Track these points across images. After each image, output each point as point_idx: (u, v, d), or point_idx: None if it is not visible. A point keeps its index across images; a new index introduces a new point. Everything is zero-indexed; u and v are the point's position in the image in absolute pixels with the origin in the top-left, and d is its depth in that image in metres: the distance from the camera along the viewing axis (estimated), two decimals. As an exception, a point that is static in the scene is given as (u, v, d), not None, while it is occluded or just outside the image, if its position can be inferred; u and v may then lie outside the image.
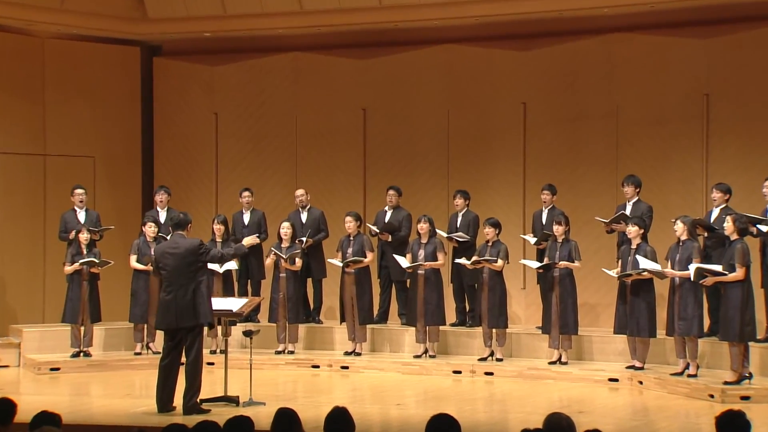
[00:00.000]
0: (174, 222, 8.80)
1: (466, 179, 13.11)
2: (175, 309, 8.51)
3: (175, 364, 8.68)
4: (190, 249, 8.55)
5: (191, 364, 8.63)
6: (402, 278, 12.18)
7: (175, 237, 8.72)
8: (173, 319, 8.55)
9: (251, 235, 12.31)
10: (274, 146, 14.27)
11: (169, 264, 8.57)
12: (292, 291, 11.85)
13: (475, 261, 11.24)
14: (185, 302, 8.50)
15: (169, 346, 8.67)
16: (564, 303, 10.81)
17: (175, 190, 13.92)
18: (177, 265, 8.54)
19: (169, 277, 8.58)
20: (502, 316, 11.23)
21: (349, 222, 11.77)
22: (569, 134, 12.89)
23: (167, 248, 8.69)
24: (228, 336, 9.50)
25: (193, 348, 8.62)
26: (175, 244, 8.62)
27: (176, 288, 8.52)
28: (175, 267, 8.55)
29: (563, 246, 10.93)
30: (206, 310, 8.60)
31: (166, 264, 8.60)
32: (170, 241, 8.85)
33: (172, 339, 8.66)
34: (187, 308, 8.51)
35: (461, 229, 12.07)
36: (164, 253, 8.67)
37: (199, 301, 8.53)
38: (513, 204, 13.08)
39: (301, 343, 12.31)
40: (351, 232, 11.76)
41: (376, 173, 13.80)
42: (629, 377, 10.48)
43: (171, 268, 8.56)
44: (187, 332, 8.59)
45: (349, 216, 11.81)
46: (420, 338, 11.62)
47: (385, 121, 13.80)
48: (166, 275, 8.60)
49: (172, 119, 14.62)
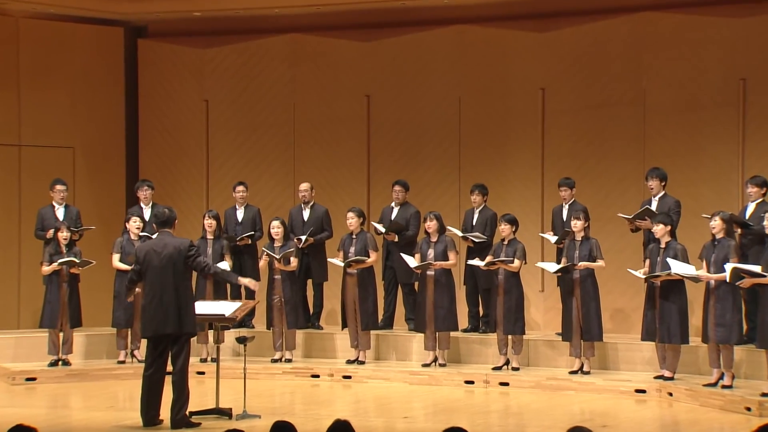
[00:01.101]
0: (159, 219, 8.80)
1: (478, 173, 13.10)
2: (159, 314, 8.51)
3: (160, 373, 8.67)
4: (179, 249, 8.55)
5: (179, 373, 8.61)
6: (409, 280, 12.20)
7: (162, 236, 8.72)
8: (159, 325, 8.54)
9: (245, 232, 12.36)
10: (270, 137, 14.26)
11: (154, 264, 8.56)
12: (288, 294, 11.86)
13: (490, 262, 11.20)
14: (170, 307, 8.51)
15: (153, 354, 8.66)
16: (586, 307, 10.80)
17: (162, 184, 14.04)
18: (163, 265, 8.54)
19: (153, 278, 8.57)
20: (519, 322, 11.22)
21: (351, 218, 11.75)
22: (592, 123, 12.89)
23: (153, 246, 8.67)
24: (220, 343, 9.49)
25: (181, 356, 8.62)
26: (162, 243, 8.62)
27: (160, 291, 8.52)
28: (160, 268, 8.55)
29: (583, 244, 10.91)
30: (191, 317, 8.60)
31: (150, 264, 8.58)
32: (156, 239, 8.83)
33: (157, 347, 8.65)
34: (172, 313, 8.51)
35: (477, 228, 12.06)
36: (150, 251, 8.64)
37: (183, 307, 8.52)
38: (530, 199, 13.07)
39: (299, 350, 12.30)
40: (353, 230, 11.75)
41: (381, 166, 13.81)
42: (658, 388, 10.46)
43: (156, 269, 8.55)
44: (173, 339, 8.58)
45: (352, 212, 11.80)
46: (429, 345, 11.60)
47: (390, 109, 13.78)
48: (150, 277, 8.59)
49: (158, 107, 14.58)
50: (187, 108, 14.51)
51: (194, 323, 8.68)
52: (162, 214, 8.79)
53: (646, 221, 10.87)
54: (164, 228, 8.73)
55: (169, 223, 8.73)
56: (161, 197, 13.56)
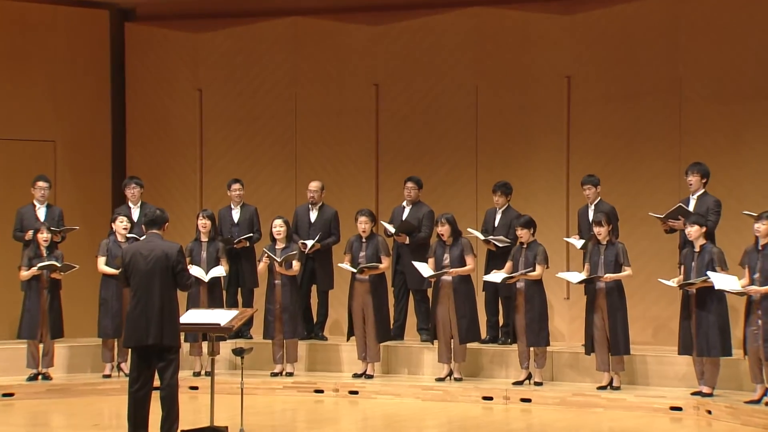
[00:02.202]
0: (148, 219, 8.79)
1: (497, 169, 13.07)
2: (141, 323, 8.49)
3: (147, 389, 8.62)
4: (168, 253, 8.55)
5: (167, 388, 8.56)
6: (421, 286, 12.21)
7: (151, 237, 8.72)
8: (143, 334, 8.50)
9: (242, 234, 12.28)
10: (270, 130, 14.23)
11: (140, 268, 8.55)
12: (289, 301, 11.86)
13: (508, 277, 11.21)
14: (153, 315, 8.49)
15: (139, 367, 8.62)
16: (612, 318, 10.79)
17: (152, 181, 13.97)
18: (150, 270, 8.53)
19: (139, 283, 8.56)
20: (542, 332, 11.20)
21: (363, 222, 11.74)
22: (623, 114, 12.82)
23: (140, 249, 8.65)
24: (215, 355, 9.41)
25: (169, 369, 8.57)
26: (150, 246, 8.62)
27: (146, 298, 8.51)
28: (147, 272, 8.53)
29: (608, 250, 10.89)
30: (173, 328, 8.57)
31: (136, 268, 8.59)
32: (144, 241, 8.82)
33: (143, 359, 8.61)
34: (155, 323, 8.48)
35: (500, 231, 12.02)
36: (136, 254, 8.61)
37: (166, 317, 8.51)
38: (555, 199, 13.06)
39: (301, 363, 12.29)
40: (365, 234, 11.75)
41: (390, 162, 13.77)
42: (695, 405, 10.42)
43: (142, 274, 8.55)
44: (161, 351, 8.56)
45: (363, 215, 11.77)
46: (443, 358, 11.59)
47: (401, 99, 13.74)
48: (136, 282, 8.58)
49: (147, 97, 14.55)
50: (179, 98, 14.46)
51: (176, 335, 8.59)
52: (152, 213, 8.80)
53: (679, 221, 10.84)
54: (153, 228, 8.73)
55: (157, 223, 8.74)
56: (151, 196, 13.52)
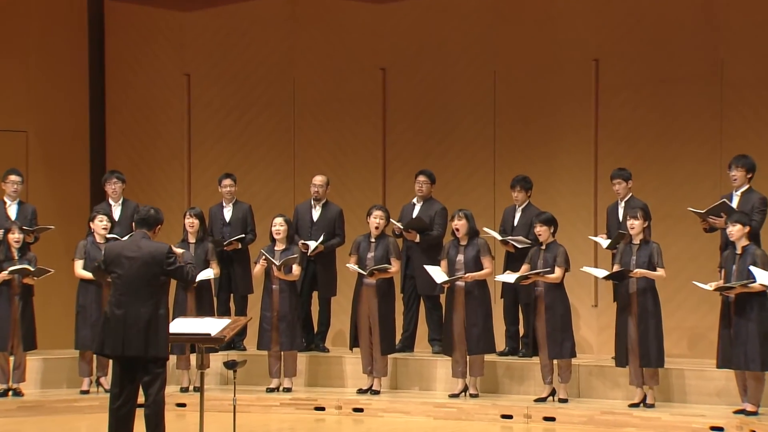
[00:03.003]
0: (140, 217, 8.79)
1: (518, 162, 13.05)
2: (120, 330, 8.49)
3: (130, 405, 8.64)
4: (154, 255, 8.56)
5: (152, 405, 8.59)
6: (433, 292, 12.22)
7: (137, 237, 8.72)
8: (118, 344, 8.49)
9: (234, 234, 12.62)
10: (265, 119, 14.27)
11: (125, 271, 8.56)
12: (287, 308, 11.83)
13: (522, 276, 11.16)
14: (141, 324, 8.48)
15: (122, 381, 8.62)
16: (643, 326, 10.77)
17: (134, 176, 13.99)
18: (135, 273, 8.54)
19: (122, 288, 8.57)
20: (566, 343, 11.19)
21: (378, 218, 11.69)
22: (656, 101, 12.83)
23: (125, 250, 8.66)
24: (204, 368, 9.41)
25: (155, 384, 8.59)
26: (136, 247, 8.62)
27: (128, 305, 8.51)
28: (132, 276, 8.54)
29: (641, 249, 10.85)
30: (161, 339, 8.57)
31: (120, 270, 8.59)
32: (129, 241, 8.85)
33: (127, 372, 8.62)
34: (138, 332, 8.48)
35: (520, 231, 12.02)
36: (120, 255, 8.62)
37: (152, 325, 8.50)
38: (581, 194, 13.06)
39: (300, 377, 12.32)
40: (377, 232, 11.71)
41: (399, 154, 13.81)
42: (738, 425, 10.32)
43: (127, 277, 8.56)
44: (146, 363, 8.56)
45: (378, 210, 11.77)
46: (458, 371, 11.59)
47: (411, 84, 13.77)
48: (119, 285, 8.58)
49: (129, 83, 14.64)
50: (164, 84, 14.52)
51: (165, 346, 8.60)
52: (146, 212, 8.80)
53: (720, 219, 10.76)
54: (142, 228, 8.73)
55: (149, 224, 8.74)
56: (133, 192, 13.53)
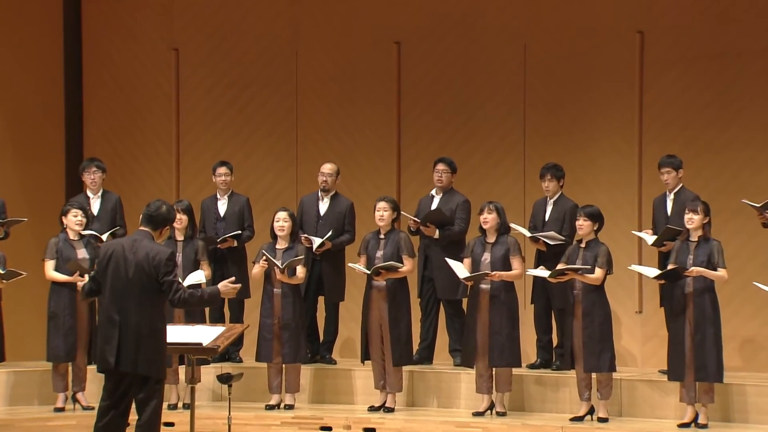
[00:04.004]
0: (148, 213, 8.73)
1: (551, 148, 13.06)
2: (112, 343, 8.47)
3: (118, 424, 8.63)
4: (154, 258, 8.50)
5: (144, 426, 8.58)
6: (455, 296, 12.22)
7: (139, 236, 8.65)
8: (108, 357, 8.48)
9: (230, 230, 12.63)
10: (264, 99, 14.25)
11: (120, 275, 8.52)
12: (290, 315, 11.85)
13: (558, 271, 11.05)
14: (133, 336, 8.47)
15: (112, 396, 8.60)
16: (700, 334, 10.75)
17: (116, 164, 14.06)
18: (131, 279, 8.50)
19: (115, 294, 8.56)
20: (606, 354, 11.16)
21: (382, 211, 11.68)
22: (711, 79, 12.82)
23: (123, 249, 8.59)
24: (195, 383, 9.40)
25: (149, 404, 8.57)
26: (135, 246, 8.58)
27: (121, 313, 8.51)
28: (126, 281, 8.51)
29: (700, 248, 10.81)
30: (155, 355, 8.58)
31: (113, 271, 8.55)
32: (129, 239, 8.77)
33: (118, 386, 8.59)
34: (129, 346, 8.47)
35: (552, 226, 11.97)
36: (117, 255, 8.57)
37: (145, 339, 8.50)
38: (623, 185, 13.03)
39: (304, 393, 12.36)
40: (383, 227, 11.71)
41: (416, 139, 13.80)
42: (807, 449, 10.50)
43: (120, 282, 8.52)
44: (139, 380, 8.55)
45: (384, 202, 11.75)
46: (483, 387, 11.59)
47: (429, 60, 13.75)
48: (111, 291, 8.57)
49: (110, 59, 14.65)
50: (150, 60, 14.54)
51: (158, 364, 8.59)
52: (155, 207, 8.72)
53: (779, 211, 10.90)
54: (148, 226, 8.68)
55: (156, 222, 8.68)
56: (115, 182, 13.53)
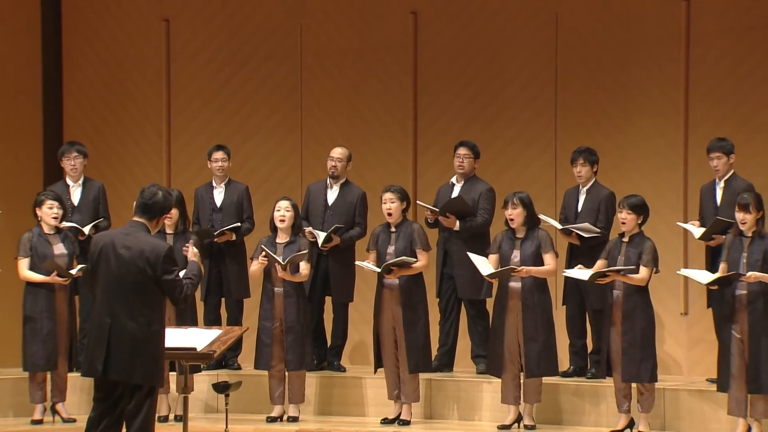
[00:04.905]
0: (142, 201, 8.68)
1: (585, 129, 13.11)
2: (100, 347, 8.47)
3: None
4: (148, 255, 8.48)
5: None
6: (478, 296, 12.28)
7: (133, 228, 8.63)
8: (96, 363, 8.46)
9: (227, 223, 12.75)
10: (265, 76, 14.28)
11: (111, 270, 8.51)
12: (294, 317, 11.88)
13: (600, 273, 11.04)
14: (120, 339, 8.45)
15: (100, 405, 8.62)
16: (755, 342, 10.77)
17: (99, 148, 14.13)
18: (124, 275, 8.49)
19: (106, 291, 8.54)
20: (647, 362, 11.18)
21: (389, 203, 11.70)
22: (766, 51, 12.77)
23: (115, 242, 8.57)
24: (188, 392, 9.45)
25: (139, 415, 8.58)
26: (129, 240, 8.57)
27: (109, 312, 8.49)
28: (119, 278, 8.50)
29: (755, 244, 10.79)
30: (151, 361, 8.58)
31: (104, 266, 8.53)
32: (122, 231, 8.73)
33: (107, 395, 8.61)
34: (121, 350, 8.46)
35: (585, 217, 11.96)
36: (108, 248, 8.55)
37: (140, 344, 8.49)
38: (665, 171, 13.04)
39: (309, 404, 12.39)
40: (392, 219, 11.70)
41: (435, 120, 13.80)
42: None
43: (112, 278, 8.51)
44: (133, 389, 8.56)
45: (389, 193, 11.77)
46: (509, 397, 11.58)
47: (449, 32, 13.77)
48: (102, 288, 8.55)
49: (93, 31, 14.70)
50: (138, 32, 14.59)
51: (154, 370, 8.58)
52: (151, 193, 8.66)
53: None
54: (143, 216, 8.64)
55: (152, 211, 8.64)
56: (98, 168, 13.61)
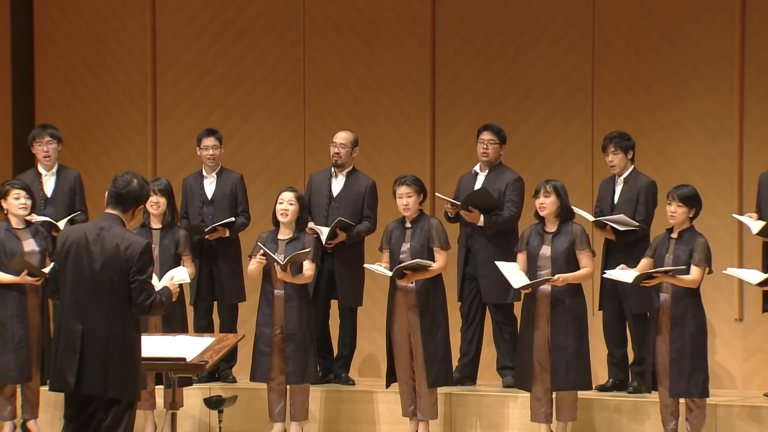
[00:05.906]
0: (114, 190, 8.63)
1: (625, 112, 13.21)
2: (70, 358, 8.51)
3: None
4: (126, 250, 8.47)
5: None
6: (505, 299, 12.38)
7: (107, 221, 8.60)
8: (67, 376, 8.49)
9: (219, 217, 12.84)
10: (262, 52, 14.38)
11: (83, 270, 8.49)
12: (296, 324, 11.91)
13: (646, 275, 10.98)
14: (92, 349, 8.47)
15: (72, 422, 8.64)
16: None
17: (76, 132, 14.29)
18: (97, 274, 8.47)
19: (75, 294, 8.55)
20: (697, 375, 11.19)
21: (405, 197, 11.76)
22: None
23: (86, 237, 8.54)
24: (177, 408, 9.43)
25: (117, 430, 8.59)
26: (102, 234, 8.53)
27: (80, 318, 8.50)
28: (91, 278, 8.49)
29: None
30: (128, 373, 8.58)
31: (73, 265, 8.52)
32: (94, 225, 8.71)
33: (81, 411, 8.60)
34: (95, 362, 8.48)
35: (622, 209, 12.05)
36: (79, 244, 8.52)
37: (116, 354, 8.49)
38: (718, 159, 13.11)
39: (314, 421, 12.43)
40: (407, 213, 11.72)
41: (455, 102, 13.86)
42: None
43: (83, 279, 8.51)
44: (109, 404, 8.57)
45: (404, 186, 11.80)
46: (540, 414, 11.59)
47: (470, 3, 13.83)
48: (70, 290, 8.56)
49: (69, 1, 14.77)
50: (119, 4, 14.61)
51: (133, 384, 8.59)
52: (124, 182, 8.63)
53: None
54: (116, 208, 8.61)
55: (126, 201, 8.60)
56: (75, 155, 13.83)
